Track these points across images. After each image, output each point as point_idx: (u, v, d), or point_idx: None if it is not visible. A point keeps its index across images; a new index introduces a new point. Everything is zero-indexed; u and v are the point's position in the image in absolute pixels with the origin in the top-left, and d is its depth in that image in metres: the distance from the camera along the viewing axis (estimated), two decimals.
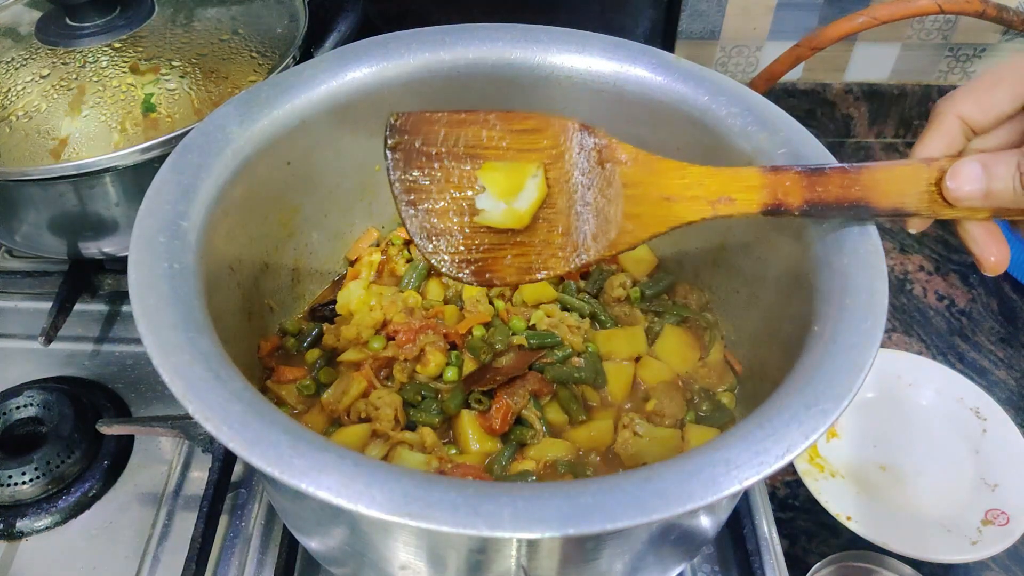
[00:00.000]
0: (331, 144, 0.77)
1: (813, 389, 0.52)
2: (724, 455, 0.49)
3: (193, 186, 0.63)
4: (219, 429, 0.48)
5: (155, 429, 0.82)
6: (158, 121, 0.86)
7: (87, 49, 0.90)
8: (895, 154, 1.37)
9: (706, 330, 0.80)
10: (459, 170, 0.59)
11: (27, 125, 0.86)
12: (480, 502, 0.46)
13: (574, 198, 0.61)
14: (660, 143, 0.78)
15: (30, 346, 0.97)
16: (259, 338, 0.77)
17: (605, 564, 0.60)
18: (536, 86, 0.79)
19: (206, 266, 0.61)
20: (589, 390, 0.75)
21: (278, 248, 0.77)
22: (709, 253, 0.80)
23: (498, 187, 0.59)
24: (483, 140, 0.59)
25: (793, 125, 0.70)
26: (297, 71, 0.74)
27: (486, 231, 0.60)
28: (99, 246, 0.92)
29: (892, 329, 1.10)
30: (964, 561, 0.82)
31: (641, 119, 0.78)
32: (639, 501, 0.46)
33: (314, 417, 0.74)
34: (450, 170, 0.59)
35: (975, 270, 1.18)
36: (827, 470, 0.90)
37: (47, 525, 0.83)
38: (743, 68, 1.30)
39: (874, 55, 1.30)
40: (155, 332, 0.53)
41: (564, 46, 0.77)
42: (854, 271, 0.59)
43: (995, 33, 1.28)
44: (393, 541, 0.59)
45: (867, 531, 0.82)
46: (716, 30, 1.26)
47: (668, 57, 0.76)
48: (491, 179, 0.59)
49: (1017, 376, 1.04)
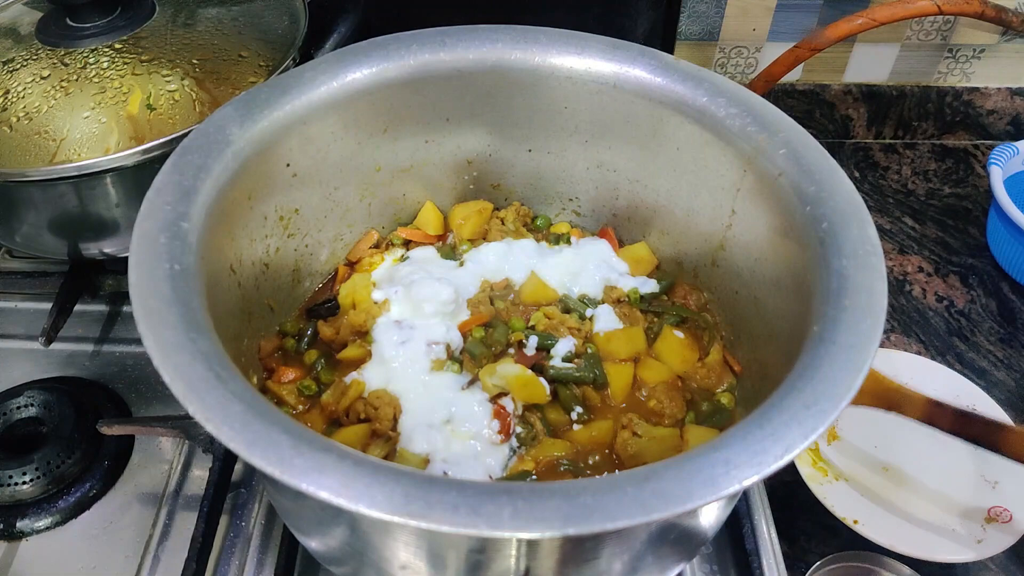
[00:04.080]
0: (331, 145, 0.77)
1: (812, 389, 0.52)
2: (723, 455, 0.49)
3: (193, 187, 0.63)
4: (219, 429, 0.49)
5: (155, 429, 0.83)
6: (158, 122, 0.86)
7: (88, 50, 0.91)
8: (894, 155, 1.37)
9: (705, 330, 0.80)
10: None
11: (28, 126, 0.86)
12: (480, 502, 0.46)
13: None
14: (660, 144, 0.79)
15: (31, 346, 0.97)
16: (259, 338, 0.77)
17: (604, 564, 0.60)
18: (536, 87, 0.79)
19: (206, 267, 0.61)
20: (589, 390, 0.75)
21: (278, 249, 0.77)
22: (708, 254, 0.81)
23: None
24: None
25: (792, 126, 0.70)
26: (297, 72, 0.74)
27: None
28: (99, 247, 0.92)
29: (891, 329, 1.10)
30: (970, 560, 0.82)
31: (640, 120, 0.78)
32: (639, 501, 0.46)
33: (314, 417, 0.74)
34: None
35: (974, 271, 1.18)
36: (830, 473, 0.90)
37: (47, 525, 0.83)
38: (742, 69, 1.30)
39: (873, 56, 1.30)
40: (155, 332, 0.53)
41: (563, 47, 0.77)
42: (853, 272, 0.59)
43: (994, 34, 1.29)
44: (393, 541, 0.59)
45: (874, 534, 0.82)
46: (715, 31, 1.26)
47: (667, 58, 0.77)
48: None
49: (1016, 377, 1.04)
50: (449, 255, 0.85)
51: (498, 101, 0.81)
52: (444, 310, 0.76)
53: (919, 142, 1.39)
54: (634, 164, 0.83)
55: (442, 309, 0.76)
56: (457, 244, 0.87)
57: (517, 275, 0.83)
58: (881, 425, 0.95)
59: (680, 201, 0.82)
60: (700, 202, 0.79)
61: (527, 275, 0.82)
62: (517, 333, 0.77)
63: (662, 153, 0.79)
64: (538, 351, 0.76)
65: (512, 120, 0.83)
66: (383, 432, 0.70)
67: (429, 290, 0.76)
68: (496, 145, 0.86)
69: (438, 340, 0.74)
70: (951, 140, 1.40)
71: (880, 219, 1.26)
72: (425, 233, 0.87)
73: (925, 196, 1.30)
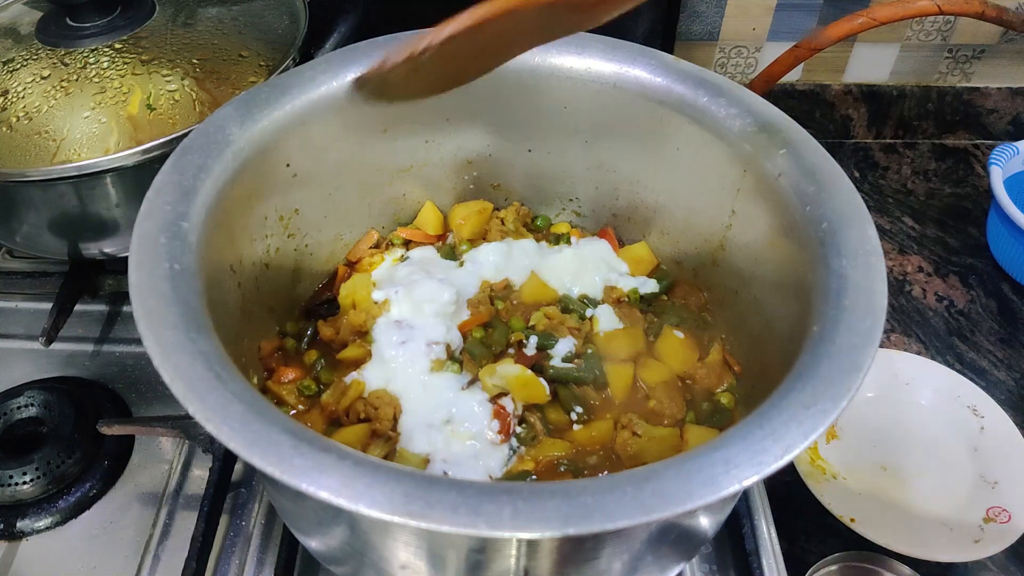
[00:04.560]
0: (331, 145, 0.77)
1: (812, 389, 0.52)
2: (723, 455, 0.49)
3: (193, 187, 0.63)
4: (219, 429, 0.49)
5: (155, 429, 0.83)
6: (158, 122, 0.86)
7: (88, 50, 0.90)
8: (894, 155, 1.37)
9: (705, 330, 0.80)
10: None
11: (28, 126, 0.86)
12: (480, 502, 0.46)
13: None
14: (660, 144, 0.79)
15: (31, 346, 0.97)
16: (259, 338, 0.77)
17: (604, 564, 0.60)
18: (536, 87, 0.79)
19: (206, 267, 0.61)
20: (589, 390, 0.75)
21: (278, 249, 0.77)
22: (708, 254, 0.81)
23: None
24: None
25: (792, 126, 0.70)
26: (297, 72, 0.74)
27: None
28: (100, 247, 0.92)
29: (891, 329, 1.10)
30: (968, 560, 0.82)
31: (641, 120, 0.78)
32: (639, 501, 0.46)
33: (314, 417, 0.74)
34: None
35: (974, 271, 1.18)
36: (829, 472, 0.90)
37: (47, 525, 0.83)
38: (742, 69, 1.30)
39: (873, 56, 1.30)
40: (156, 332, 0.53)
41: (564, 47, 0.77)
42: (853, 272, 0.59)
43: (995, 34, 1.29)
44: (393, 541, 0.59)
45: (871, 532, 0.82)
46: (715, 31, 1.26)
47: (667, 58, 0.77)
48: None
49: (1016, 377, 1.04)
50: (449, 255, 0.85)
51: (498, 101, 0.81)
52: (445, 310, 0.76)
53: (919, 142, 1.40)
54: (634, 164, 0.83)
55: (443, 310, 0.76)
56: (457, 244, 0.87)
57: (517, 275, 0.83)
58: (880, 424, 0.96)
59: (680, 201, 0.82)
60: (700, 202, 0.79)
61: (527, 275, 0.82)
62: (517, 333, 0.77)
63: (662, 153, 0.79)
64: (538, 351, 0.76)
65: (512, 120, 0.83)
66: (383, 432, 0.70)
67: (430, 290, 0.76)
68: (496, 145, 0.86)
69: (438, 340, 0.74)
70: (951, 140, 1.40)
71: (880, 219, 1.26)
72: (425, 233, 0.87)
73: (925, 196, 1.30)
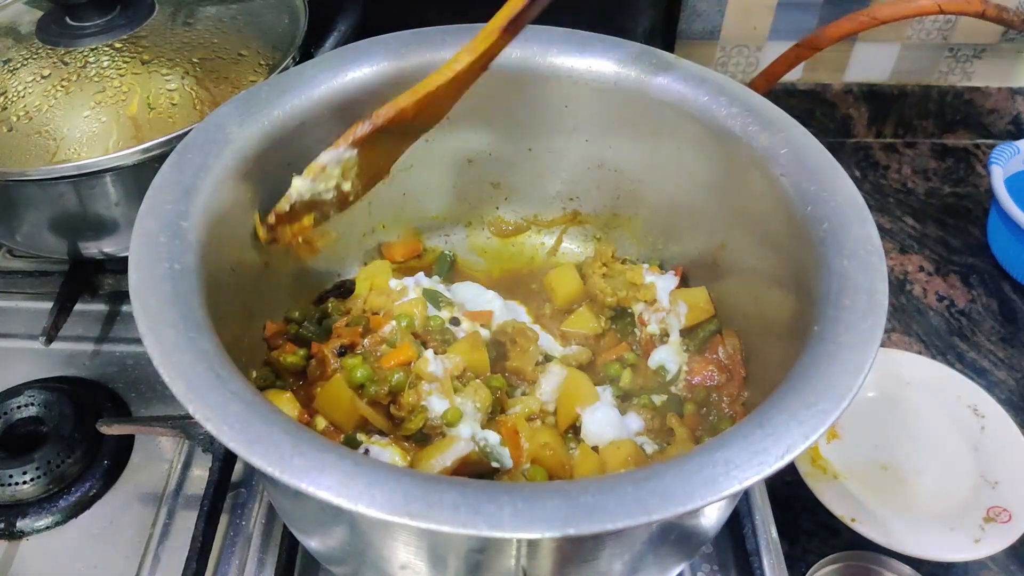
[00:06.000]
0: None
1: (813, 389, 0.52)
2: (724, 455, 0.49)
3: (193, 186, 0.63)
4: (219, 429, 0.49)
5: (155, 429, 0.83)
6: (158, 121, 0.86)
7: (88, 49, 0.90)
8: (894, 154, 1.37)
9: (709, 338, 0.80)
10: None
11: (27, 125, 0.86)
12: (480, 502, 0.46)
13: None
14: (660, 143, 0.79)
15: (31, 346, 0.97)
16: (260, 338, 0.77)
17: (604, 564, 0.60)
18: (536, 87, 0.79)
19: (207, 266, 0.61)
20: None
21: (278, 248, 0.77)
22: (708, 254, 0.80)
23: None
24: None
25: (793, 125, 0.70)
26: (297, 71, 0.74)
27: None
28: (99, 246, 0.92)
29: (892, 329, 1.10)
30: (968, 559, 0.82)
31: (641, 120, 0.78)
32: (639, 501, 0.46)
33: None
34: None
35: (975, 270, 1.18)
36: (829, 472, 0.90)
37: (47, 525, 0.83)
38: (743, 68, 1.30)
39: (874, 55, 1.30)
40: (156, 332, 0.53)
41: (564, 46, 0.77)
42: (854, 271, 0.59)
43: (995, 33, 1.29)
44: (393, 541, 0.59)
45: (871, 532, 0.82)
46: (716, 30, 1.26)
47: (668, 57, 0.76)
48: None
49: (1017, 376, 1.04)
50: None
51: (499, 100, 0.81)
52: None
53: (920, 141, 1.39)
54: (635, 163, 0.83)
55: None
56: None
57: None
58: (881, 424, 0.96)
59: (681, 200, 0.81)
60: (701, 201, 0.79)
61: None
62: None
63: (663, 152, 0.79)
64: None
65: (513, 119, 0.83)
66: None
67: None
68: (497, 144, 0.85)
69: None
70: (952, 139, 1.40)
71: (881, 218, 1.26)
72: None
73: (926, 195, 1.30)
